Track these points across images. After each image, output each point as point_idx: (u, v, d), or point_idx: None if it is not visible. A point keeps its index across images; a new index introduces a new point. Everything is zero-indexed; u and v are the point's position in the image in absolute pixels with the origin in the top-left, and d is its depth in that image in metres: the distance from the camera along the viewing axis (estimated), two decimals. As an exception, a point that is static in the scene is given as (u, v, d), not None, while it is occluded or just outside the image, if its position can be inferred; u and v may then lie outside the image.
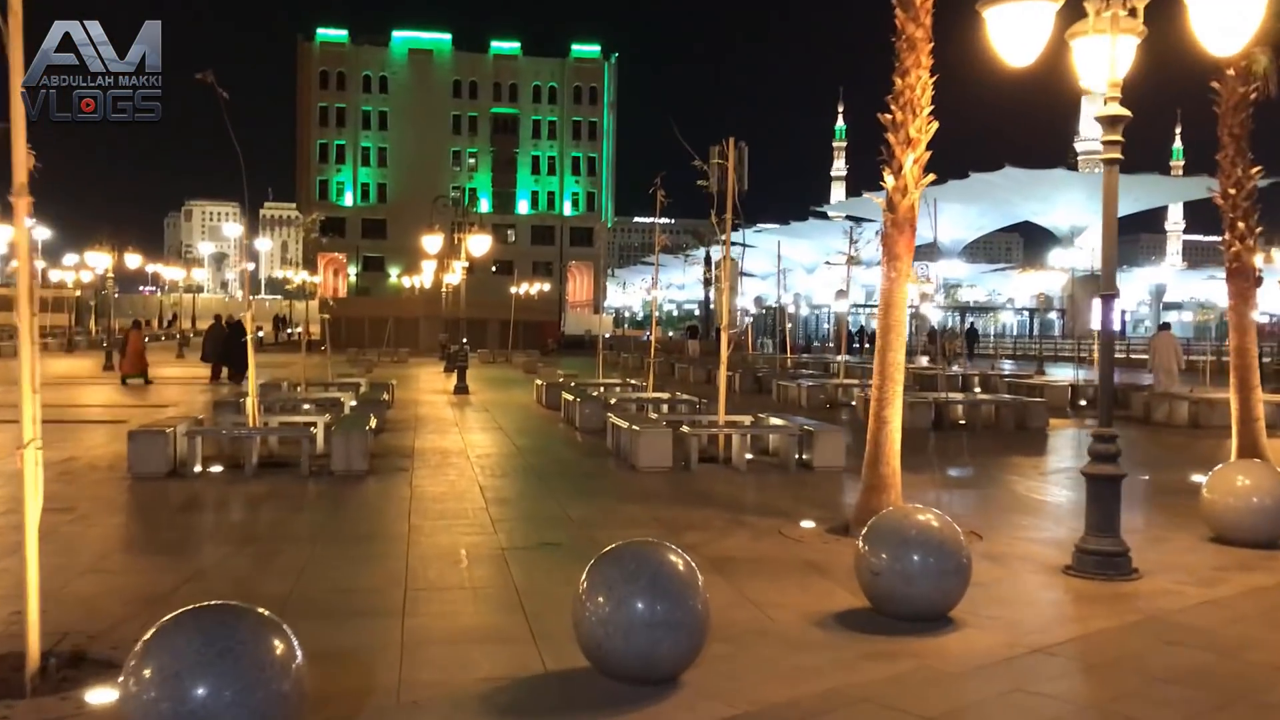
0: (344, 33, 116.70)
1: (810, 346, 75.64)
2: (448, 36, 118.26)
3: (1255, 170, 13.46)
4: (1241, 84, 13.16)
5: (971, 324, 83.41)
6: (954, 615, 6.72)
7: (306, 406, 16.80)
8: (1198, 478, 10.84)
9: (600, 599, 5.35)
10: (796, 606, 7.04)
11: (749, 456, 13.75)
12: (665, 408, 19.22)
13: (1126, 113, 8.21)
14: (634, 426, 13.51)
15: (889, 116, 9.72)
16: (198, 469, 12.74)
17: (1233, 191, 13.56)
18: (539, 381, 25.02)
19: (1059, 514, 11.07)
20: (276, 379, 23.57)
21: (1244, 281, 13.63)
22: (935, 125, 9.60)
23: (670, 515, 10.35)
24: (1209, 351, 49.82)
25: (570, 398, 19.60)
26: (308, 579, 7.72)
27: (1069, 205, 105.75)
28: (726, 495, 11.79)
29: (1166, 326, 33.81)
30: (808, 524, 9.91)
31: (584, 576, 5.55)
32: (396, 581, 7.64)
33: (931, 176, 9.65)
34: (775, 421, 14.64)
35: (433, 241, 27.47)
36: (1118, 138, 8.32)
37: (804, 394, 24.65)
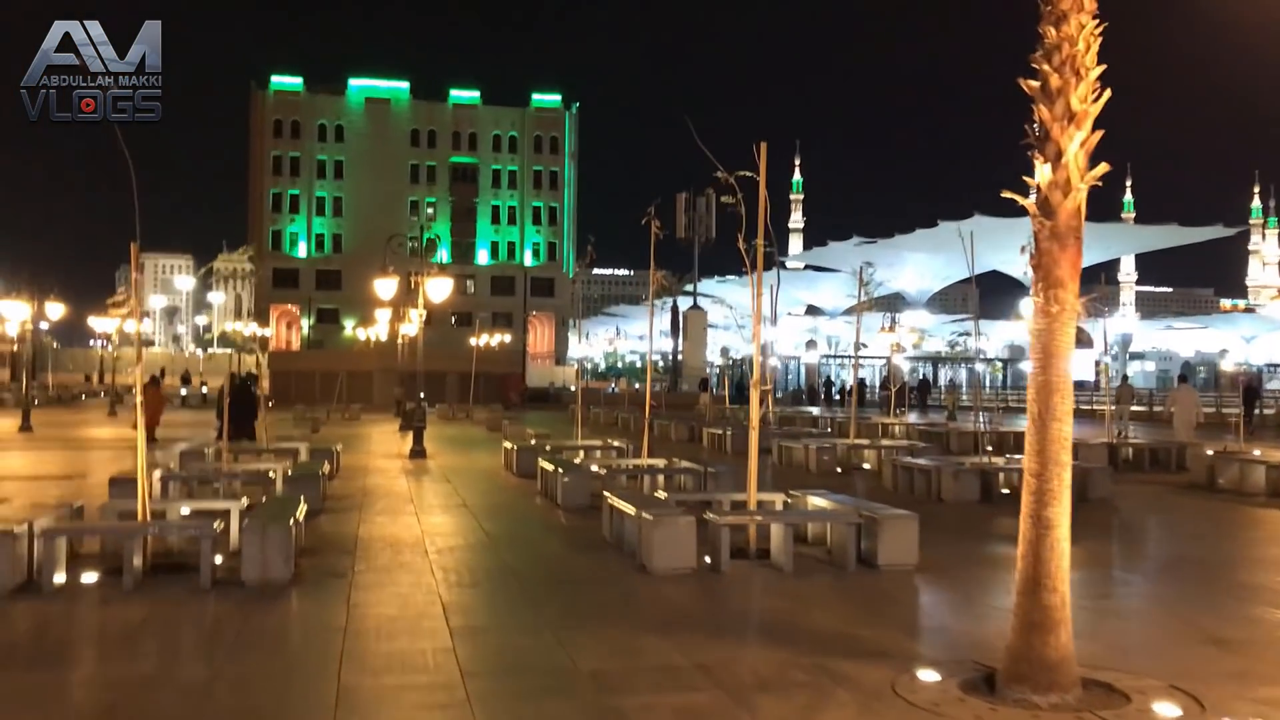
0: (299, 80, 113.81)
1: (783, 399, 72.70)
2: (406, 85, 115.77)
3: None
4: None
5: (924, 376, 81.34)
6: None
7: (219, 485, 13.47)
8: None
9: None
10: None
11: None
12: (662, 479, 16.09)
13: None
14: (644, 514, 10.32)
15: (1035, 83, 6.75)
16: (60, 579, 9.39)
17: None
18: (508, 444, 21.74)
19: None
20: (202, 445, 20.16)
21: None
22: (1106, 95, 6.67)
23: (722, 661, 7.12)
24: (1216, 404, 47.63)
25: (549, 466, 16.37)
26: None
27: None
28: (785, 619, 8.60)
29: (1185, 379, 31.38)
30: (928, 675, 6.75)
31: None
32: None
33: (1104, 167, 6.68)
34: (820, 503, 11.52)
35: (386, 286, 24.26)
36: None
37: (811, 456, 21.57)
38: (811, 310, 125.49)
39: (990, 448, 27.50)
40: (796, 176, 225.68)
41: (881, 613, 8.79)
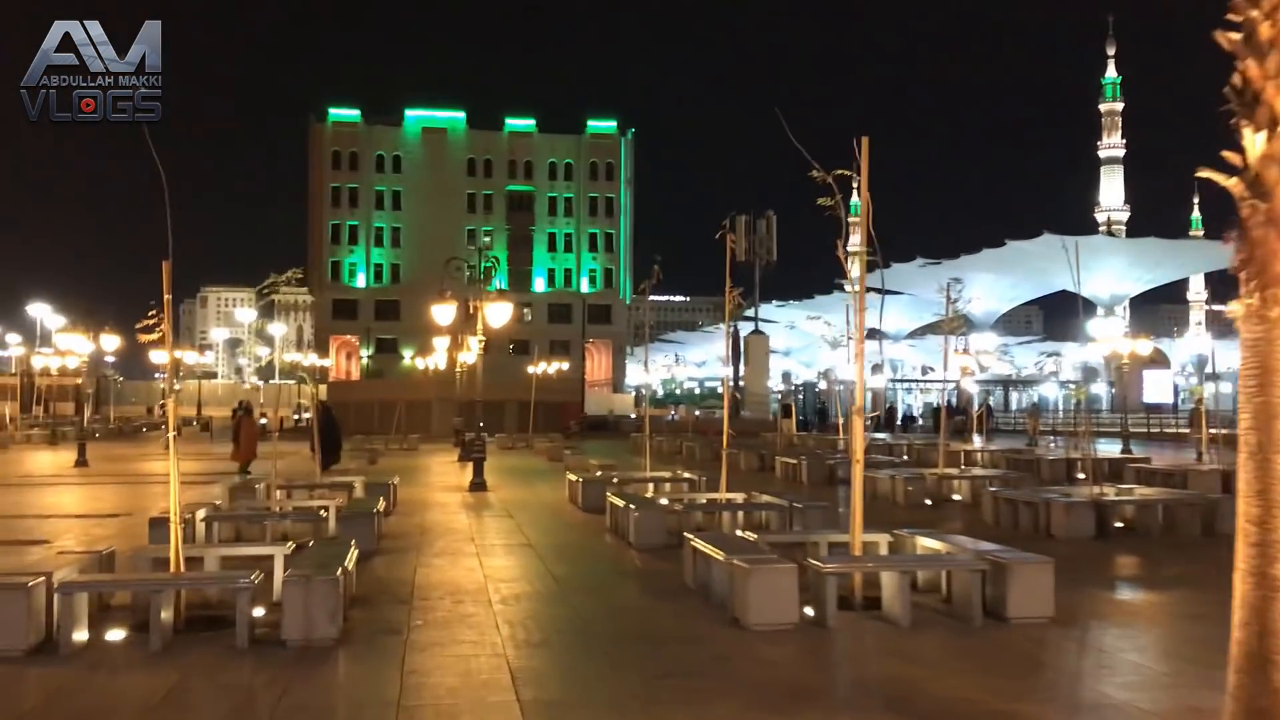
0: (356, 112, 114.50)
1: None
2: (462, 114, 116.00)
3: None
4: None
5: (985, 400, 79.13)
6: None
7: (269, 524, 12.41)
8: None
9: None
10: None
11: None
12: (743, 515, 14.78)
13: None
14: (736, 560, 9.04)
15: (1236, 36, 5.43)
16: (81, 637, 8.34)
17: None
18: (572, 476, 20.55)
19: None
20: (256, 479, 19.23)
21: None
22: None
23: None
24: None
25: (619, 502, 15.12)
26: None
27: (1109, 273, 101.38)
28: (914, 687, 7.24)
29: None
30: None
31: None
32: None
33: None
34: (931, 544, 10.15)
35: (444, 311, 23.28)
36: None
37: (898, 488, 20.07)
38: (872, 334, 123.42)
39: (1083, 475, 25.90)
40: (854, 199, 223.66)
41: (1028, 680, 7.42)
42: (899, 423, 64.21)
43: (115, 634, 8.63)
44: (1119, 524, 15.62)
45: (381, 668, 7.71)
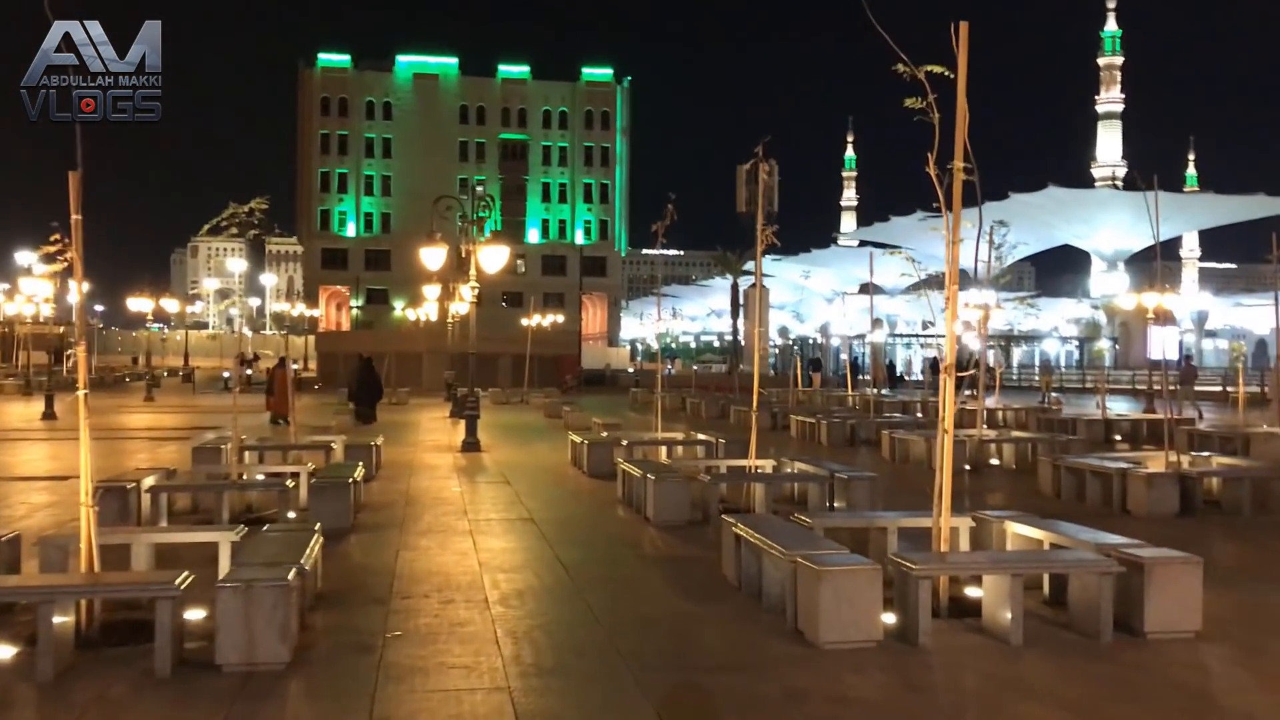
0: (346, 58, 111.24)
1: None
2: (454, 60, 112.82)
3: None
4: None
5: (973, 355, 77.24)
6: None
7: (227, 496, 10.44)
8: None
9: None
10: None
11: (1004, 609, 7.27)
12: (774, 487, 12.85)
13: None
14: (802, 558, 7.09)
15: None
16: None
17: None
18: (575, 437, 18.58)
19: None
20: (220, 441, 17.22)
21: None
22: None
23: None
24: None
25: (634, 471, 13.14)
26: None
27: (1114, 228, 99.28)
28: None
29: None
30: None
31: None
32: None
33: None
34: (1029, 532, 8.20)
35: (434, 255, 21.17)
36: None
37: (935, 453, 18.12)
38: (865, 289, 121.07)
39: (1119, 437, 24.07)
40: (849, 153, 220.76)
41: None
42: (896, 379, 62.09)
43: (4, 652, 6.68)
44: (1203, 500, 13.73)
45: (343, 710, 5.77)
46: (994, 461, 18.96)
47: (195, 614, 7.11)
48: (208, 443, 17.17)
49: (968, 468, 18.08)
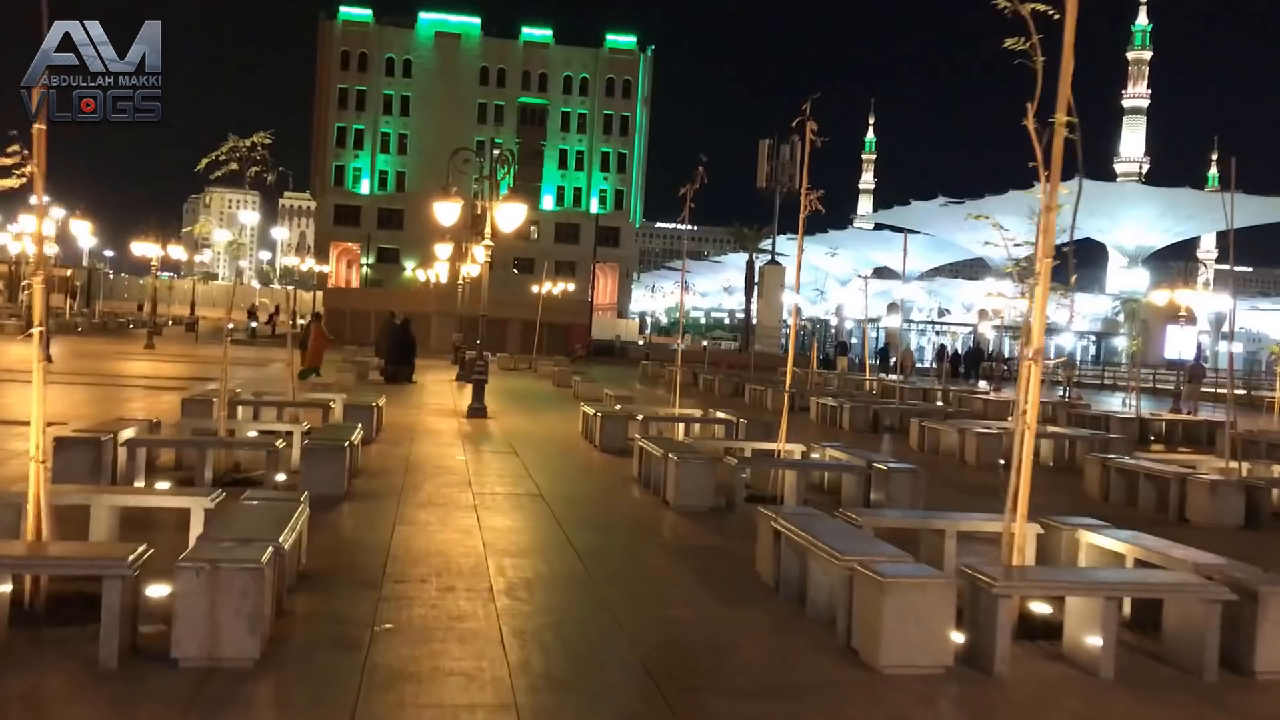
0: (368, 12, 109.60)
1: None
2: (477, 20, 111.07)
3: None
4: None
5: (975, 343, 76.84)
6: None
7: (210, 454, 9.46)
8: None
9: None
10: None
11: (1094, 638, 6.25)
12: (813, 475, 11.86)
13: None
14: (860, 565, 6.08)
15: None
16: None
17: None
18: (588, 409, 17.59)
19: None
20: (212, 394, 16.23)
21: None
22: None
23: None
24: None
25: (654, 450, 12.12)
26: None
27: (1138, 223, 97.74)
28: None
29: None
30: None
31: None
32: None
33: None
34: (1107, 543, 7.20)
35: (448, 209, 20.10)
36: None
37: (969, 445, 17.15)
38: (880, 273, 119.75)
39: (1153, 437, 23.04)
40: (869, 135, 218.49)
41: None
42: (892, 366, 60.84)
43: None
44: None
45: (317, 725, 4.80)
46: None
47: (160, 589, 6.14)
48: (200, 394, 16.21)
49: (1002, 462, 17.14)
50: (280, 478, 10.89)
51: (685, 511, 10.71)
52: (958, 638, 6.12)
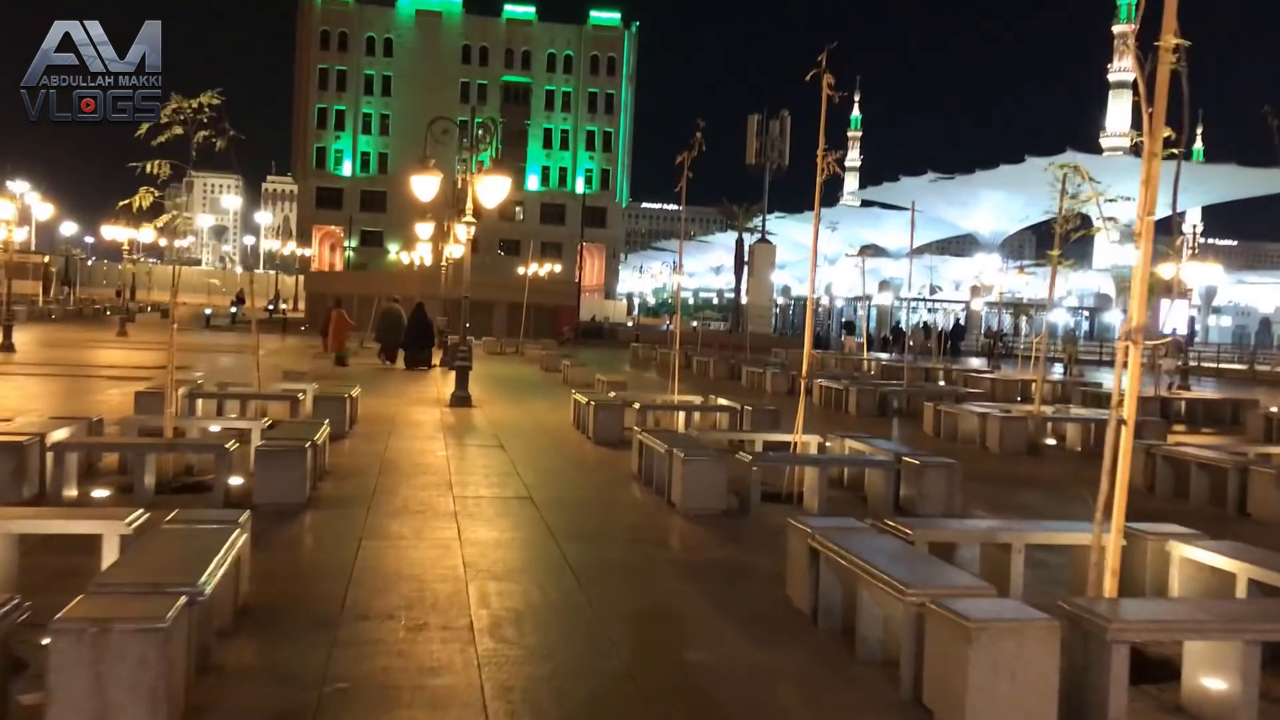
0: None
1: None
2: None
3: None
4: None
5: (956, 319, 76.49)
6: None
7: (149, 457, 8.15)
8: None
9: None
10: None
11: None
12: (837, 471, 10.60)
13: None
14: (936, 606, 4.84)
15: None
16: None
17: None
18: (580, 397, 16.28)
19: None
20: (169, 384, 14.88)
21: None
22: None
23: None
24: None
25: (657, 446, 10.82)
26: None
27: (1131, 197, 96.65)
28: None
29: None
30: None
31: None
32: None
33: None
34: (1209, 559, 5.97)
35: (426, 184, 18.73)
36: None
37: (991, 430, 15.91)
38: (867, 250, 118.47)
39: (1173, 418, 21.91)
40: (855, 113, 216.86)
41: None
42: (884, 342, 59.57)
43: None
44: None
45: None
46: (1049, 442, 16.74)
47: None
48: (157, 386, 14.86)
49: (1030, 452, 15.92)
50: (237, 481, 9.62)
51: (694, 516, 9.45)
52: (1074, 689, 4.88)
